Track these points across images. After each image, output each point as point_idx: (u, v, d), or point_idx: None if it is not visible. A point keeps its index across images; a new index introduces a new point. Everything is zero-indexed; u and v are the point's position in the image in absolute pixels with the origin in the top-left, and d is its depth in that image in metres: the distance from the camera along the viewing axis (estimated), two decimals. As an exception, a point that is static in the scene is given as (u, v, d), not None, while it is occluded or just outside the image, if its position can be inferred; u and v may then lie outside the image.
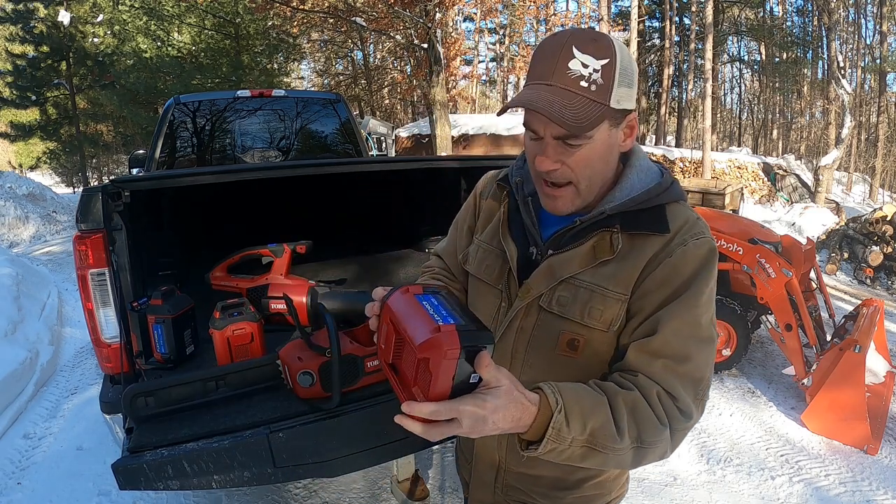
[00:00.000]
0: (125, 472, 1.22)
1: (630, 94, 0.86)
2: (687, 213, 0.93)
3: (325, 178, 2.92)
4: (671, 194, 0.93)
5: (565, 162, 0.87)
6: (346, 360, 1.39)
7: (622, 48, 0.85)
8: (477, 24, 21.77)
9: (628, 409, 0.82)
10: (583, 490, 1.03)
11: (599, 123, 0.84)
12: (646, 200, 0.91)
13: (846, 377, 2.97)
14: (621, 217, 0.91)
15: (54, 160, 18.32)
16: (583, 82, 0.82)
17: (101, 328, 1.67)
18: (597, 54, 0.82)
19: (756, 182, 13.84)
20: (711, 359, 0.90)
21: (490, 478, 1.08)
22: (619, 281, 0.90)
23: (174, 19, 14.56)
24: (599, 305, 0.90)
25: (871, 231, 6.96)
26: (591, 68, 0.82)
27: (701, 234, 0.90)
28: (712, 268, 0.90)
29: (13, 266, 5.18)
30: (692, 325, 0.87)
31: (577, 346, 0.92)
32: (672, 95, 23.67)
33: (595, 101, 0.83)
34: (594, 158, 0.88)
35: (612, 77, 0.83)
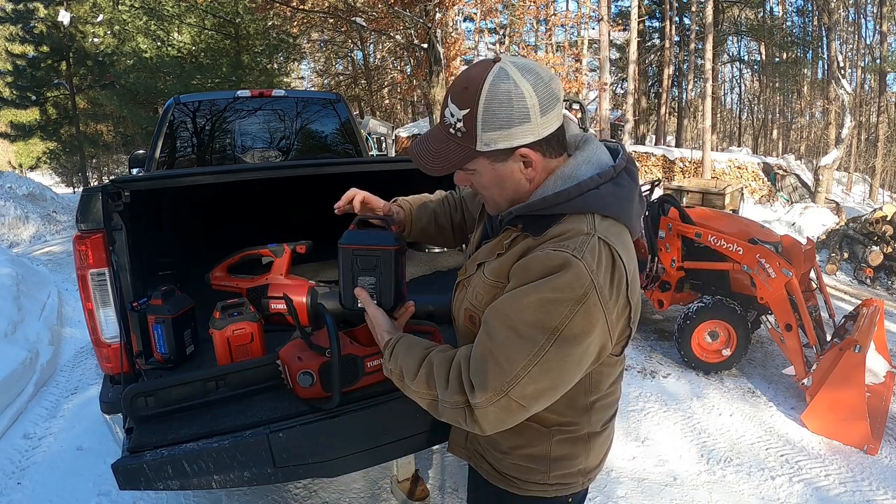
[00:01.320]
0: (125, 473, 1.22)
1: (508, 133, 0.92)
2: (578, 227, 0.94)
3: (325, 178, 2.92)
4: (574, 205, 0.95)
5: (471, 181, 1.04)
6: (346, 360, 1.39)
7: (495, 94, 0.90)
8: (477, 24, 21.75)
9: (431, 364, 1.03)
10: (514, 458, 1.14)
11: (470, 161, 0.97)
12: (543, 208, 0.97)
13: (846, 377, 2.97)
14: (524, 219, 1.00)
15: (54, 160, 18.30)
16: (451, 129, 0.97)
17: (101, 328, 1.67)
18: (461, 105, 0.93)
19: (756, 182, 13.84)
20: (523, 356, 0.91)
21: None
22: (496, 271, 1.02)
23: (174, 19, 14.55)
24: (481, 290, 1.05)
25: (871, 231, 6.95)
26: (455, 118, 0.95)
27: (564, 247, 0.91)
28: (555, 279, 0.89)
29: (13, 266, 5.18)
30: (506, 312, 0.93)
31: (475, 321, 1.05)
32: (672, 95, 23.66)
33: (461, 144, 0.96)
34: (487, 185, 1.02)
35: (474, 125, 0.93)
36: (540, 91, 0.91)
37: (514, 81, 0.90)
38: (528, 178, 0.99)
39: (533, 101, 0.91)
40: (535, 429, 1.10)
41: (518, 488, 1.15)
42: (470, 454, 1.24)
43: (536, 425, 1.10)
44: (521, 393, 0.92)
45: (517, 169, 0.98)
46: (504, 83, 0.90)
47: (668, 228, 4.10)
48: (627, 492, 2.61)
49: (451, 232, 1.45)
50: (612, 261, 0.93)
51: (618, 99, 22.61)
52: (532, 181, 1.00)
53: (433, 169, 1.00)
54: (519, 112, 0.91)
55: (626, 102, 16.67)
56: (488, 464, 1.19)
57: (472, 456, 1.24)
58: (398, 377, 1.09)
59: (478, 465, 1.22)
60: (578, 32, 22.73)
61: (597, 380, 1.09)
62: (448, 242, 1.49)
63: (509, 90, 0.90)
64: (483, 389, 0.93)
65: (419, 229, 1.43)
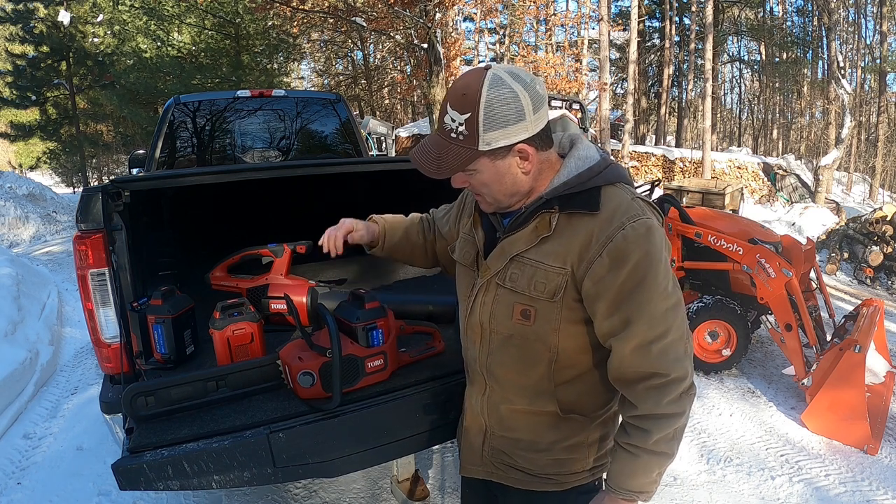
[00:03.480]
0: (125, 473, 1.22)
1: (506, 132, 1.00)
2: (622, 196, 1.05)
3: (325, 178, 2.92)
4: (605, 177, 1.06)
5: (470, 182, 1.09)
6: (347, 361, 1.39)
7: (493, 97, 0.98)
8: (477, 24, 21.75)
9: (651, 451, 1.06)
10: (555, 453, 1.15)
11: (472, 162, 1.04)
12: (579, 183, 1.05)
13: (846, 377, 2.97)
14: (558, 200, 1.06)
15: (54, 160, 18.27)
16: (452, 134, 1.03)
17: (101, 328, 1.67)
18: (461, 110, 1.01)
19: (756, 182, 13.84)
20: (683, 316, 1.06)
21: (478, 443, 1.23)
22: (556, 256, 1.05)
23: (174, 19, 14.55)
24: (542, 279, 1.06)
25: (871, 231, 6.95)
26: (457, 122, 1.02)
27: (637, 216, 1.02)
28: (656, 242, 1.02)
29: (13, 266, 5.17)
30: (660, 302, 1.02)
31: (529, 316, 1.08)
32: (672, 95, 23.66)
33: (464, 147, 1.02)
34: (487, 182, 1.07)
35: (476, 127, 1.00)
36: (529, 92, 1.00)
37: (508, 85, 0.99)
38: (524, 171, 1.07)
39: (526, 100, 1.00)
40: (576, 420, 1.14)
41: (558, 483, 1.17)
42: (491, 470, 1.22)
43: (578, 416, 1.14)
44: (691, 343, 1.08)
45: (514, 163, 1.05)
46: (500, 87, 0.99)
47: (668, 228, 4.10)
48: (627, 492, 2.61)
49: (422, 251, 1.49)
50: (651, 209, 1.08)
51: (618, 99, 22.61)
52: (528, 173, 1.07)
53: (438, 173, 1.06)
54: (516, 112, 1.00)
55: (626, 102, 16.66)
56: (520, 471, 1.18)
57: (496, 470, 1.22)
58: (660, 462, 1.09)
59: (505, 477, 1.21)
60: (578, 32, 22.73)
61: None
62: (418, 261, 1.52)
63: (505, 93, 0.99)
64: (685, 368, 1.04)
65: (391, 245, 1.48)
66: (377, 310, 1.46)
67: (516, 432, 1.17)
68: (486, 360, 1.16)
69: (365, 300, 1.46)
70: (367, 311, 1.45)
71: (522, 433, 1.16)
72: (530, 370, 1.12)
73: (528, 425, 1.16)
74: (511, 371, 1.14)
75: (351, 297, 1.53)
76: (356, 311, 1.45)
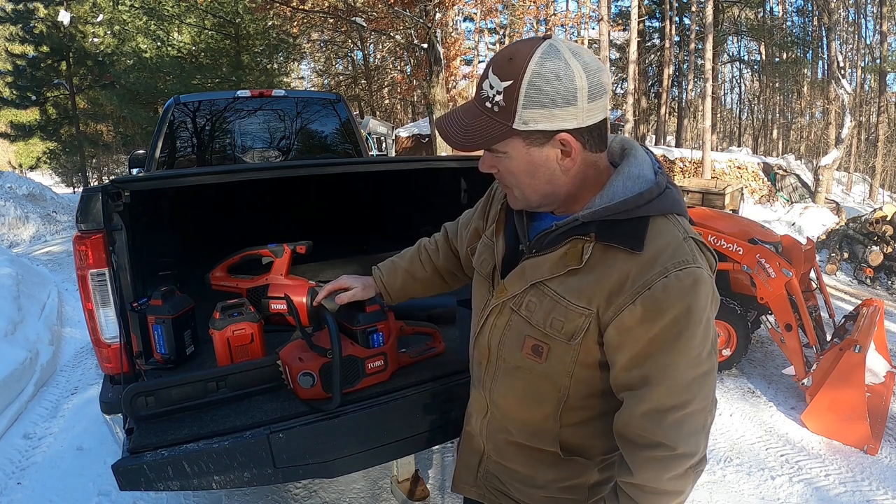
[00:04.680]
0: (125, 473, 1.22)
1: (550, 115, 0.84)
2: (673, 233, 0.88)
3: (325, 178, 2.92)
4: (657, 206, 0.89)
5: (498, 168, 0.93)
6: (347, 362, 1.39)
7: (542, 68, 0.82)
8: (477, 24, 21.76)
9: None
10: (552, 490, 1.05)
11: (503, 141, 0.88)
12: (624, 211, 0.88)
13: (846, 377, 2.97)
14: (597, 225, 0.89)
15: (54, 160, 18.28)
16: (487, 103, 0.87)
17: (101, 328, 1.66)
18: (503, 76, 0.84)
19: (756, 182, 13.84)
20: (712, 386, 0.89)
21: (474, 463, 1.15)
22: (582, 294, 0.90)
23: (174, 19, 14.55)
24: (561, 317, 0.91)
25: (871, 231, 6.95)
26: (495, 90, 0.85)
27: (685, 263, 0.85)
28: (701, 298, 0.85)
29: (13, 266, 5.17)
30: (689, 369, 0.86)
31: (541, 353, 0.95)
32: (672, 95, 23.66)
33: (496, 120, 0.86)
34: (516, 172, 0.91)
35: (516, 99, 0.84)
36: (590, 75, 0.84)
37: (565, 60, 0.82)
38: (563, 170, 0.90)
39: (582, 82, 0.83)
40: (578, 462, 1.03)
41: None
42: (484, 492, 1.15)
43: (581, 458, 1.03)
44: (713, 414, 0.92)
45: (553, 157, 0.88)
46: (554, 60, 0.82)
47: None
48: (627, 492, 2.61)
49: (437, 279, 1.39)
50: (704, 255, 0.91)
51: (618, 99, 22.59)
52: (567, 173, 0.90)
53: (463, 143, 0.89)
54: (566, 92, 0.83)
55: (626, 102, 16.67)
56: (514, 501, 1.10)
57: (488, 494, 1.14)
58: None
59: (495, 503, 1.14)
60: (578, 32, 22.74)
61: None
62: (438, 289, 1.42)
63: (558, 68, 0.82)
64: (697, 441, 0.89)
65: (396, 291, 1.41)
66: (377, 313, 1.46)
67: (513, 463, 1.08)
68: (490, 385, 1.06)
69: (365, 303, 1.46)
70: (368, 315, 1.44)
71: (519, 466, 1.07)
72: (536, 407, 1.00)
73: (526, 460, 1.06)
74: (515, 404, 1.03)
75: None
76: (356, 314, 1.44)
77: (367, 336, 1.44)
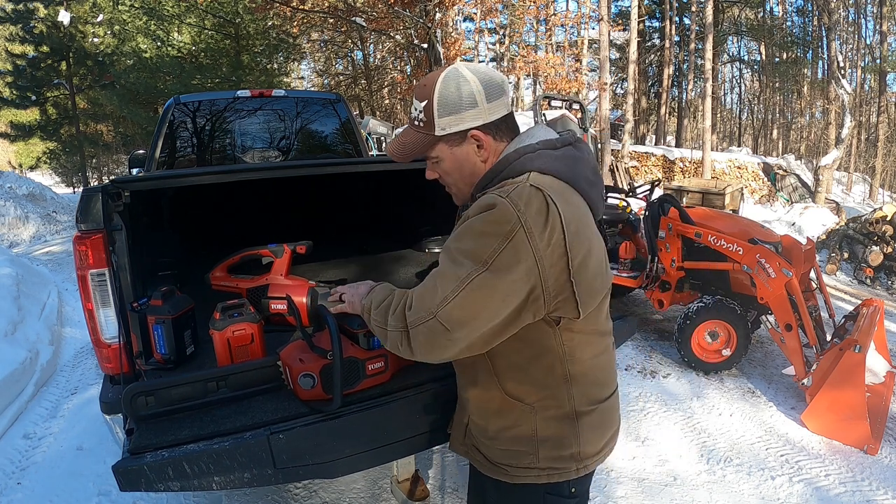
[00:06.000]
0: (126, 474, 1.22)
1: (458, 119, 1.08)
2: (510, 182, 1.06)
3: (325, 178, 2.92)
4: (513, 168, 1.08)
5: (437, 172, 1.18)
6: (348, 363, 1.39)
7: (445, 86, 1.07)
8: (477, 24, 21.76)
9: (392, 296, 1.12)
10: (503, 442, 1.16)
11: (432, 148, 1.13)
12: (490, 180, 1.11)
13: (846, 377, 2.97)
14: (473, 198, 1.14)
15: (54, 160, 18.28)
16: (415, 122, 1.13)
17: (101, 328, 1.66)
18: (421, 98, 1.11)
19: (756, 182, 13.84)
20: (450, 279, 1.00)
21: (464, 421, 1.27)
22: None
23: (174, 19, 14.55)
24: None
25: (871, 231, 6.95)
26: (417, 110, 1.12)
27: (492, 191, 1.04)
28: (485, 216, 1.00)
29: (13, 266, 5.17)
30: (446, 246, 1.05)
31: None
32: (672, 95, 23.65)
33: (424, 133, 1.12)
34: (449, 170, 1.16)
35: (431, 113, 1.09)
36: (484, 81, 1.08)
37: (462, 75, 1.08)
38: (482, 160, 1.13)
39: (478, 87, 1.07)
40: (518, 407, 1.13)
41: (510, 476, 1.16)
42: (467, 449, 1.26)
43: (518, 403, 1.13)
44: (447, 316, 0.99)
45: (472, 151, 1.12)
46: (453, 76, 1.08)
47: (668, 228, 4.10)
48: (627, 492, 2.61)
49: None
50: (546, 205, 1.00)
51: (618, 99, 22.60)
52: (486, 162, 1.13)
53: (400, 156, 1.16)
54: (467, 98, 1.07)
55: (626, 102, 16.66)
56: (481, 454, 1.21)
57: (469, 450, 1.26)
58: (367, 310, 1.17)
59: (473, 458, 1.25)
60: (578, 32, 22.76)
61: (569, 347, 1.09)
62: None
63: (458, 80, 1.08)
64: (416, 309, 1.03)
65: None
66: None
67: (475, 416, 1.22)
68: None
69: None
70: None
71: (477, 417, 1.21)
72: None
73: (480, 411, 1.20)
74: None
75: None
76: (357, 316, 1.44)
77: (367, 337, 1.45)
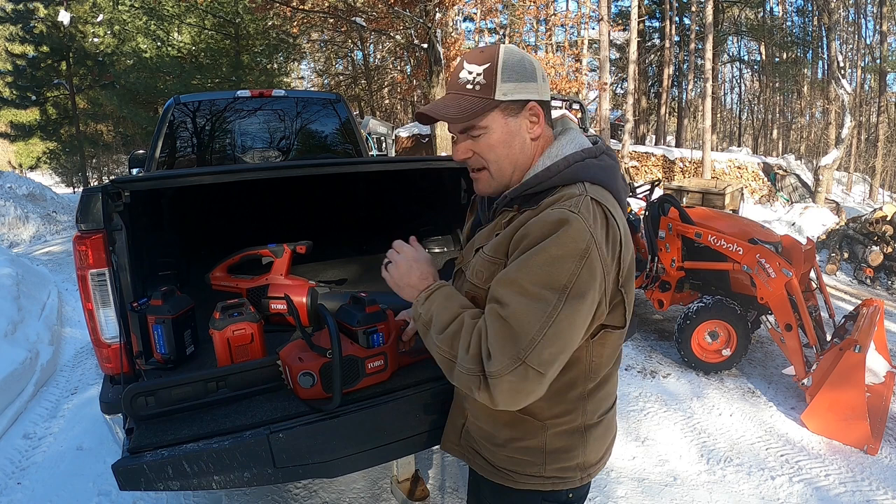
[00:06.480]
0: (125, 473, 1.22)
1: (522, 87, 1.04)
2: (567, 192, 1.01)
3: (325, 178, 2.92)
4: (564, 176, 1.04)
5: (474, 150, 1.08)
6: (347, 362, 1.39)
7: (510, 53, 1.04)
8: (477, 24, 21.74)
9: (462, 323, 1.02)
10: (510, 450, 1.14)
11: (487, 113, 1.04)
12: (536, 185, 1.05)
13: (846, 377, 2.97)
14: (520, 199, 1.07)
15: (54, 160, 18.28)
16: (468, 85, 1.05)
17: (101, 328, 1.67)
18: (480, 62, 1.04)
19: (756, 182, 13.83)
20: (536, 318, 0.92)
21: (459, 423, 1.25)
22: (497, 247, 1.05)
23: (174, 19, 14.56)
24: (481, 267, 1.07)
25: (871, 231, 6.95)
26: (474, 73, 1.04)
27: (561, 206, 0.97)
28: (558, 235, 0.94)
29: (13, 266, 5.17)
30: (514, 278, 0.96)
31: (476, 301, 1.08)
32: (672, 95, 23.66)
33: (479, 97, 1.03)
34: (495, 144, 1.06)
35: (494, 76, 1.03)
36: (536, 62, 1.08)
37: (521, 50, 1.07)
38: (532, 137, 1.08)
39: (536, 65, 1.06)
40: (530, 422, 1.11)
41: (514, 482, 1.15)
42: (464, 451, 1.24)
43: (531, 419, 1.10)
44: (538, 359, 0.92)
45: (525, 126, 1.07)
46: (515, 49, 1.07)
47: (668, 228, 4.10)
48: (627, 492, 2.61)
49: None
50: (606, 219, 0.99)
51: (618, 99, 22.61)
52: (535, 142, 1.08)
53: (454, 115, 1.04)
54: (529, 70, 1.05)
55: (626, 102, 16.66)
56: (483, 459, 1.19)
57: (466, 453, 1.23)
58: (424, 324, 1.08)
59: (473, 462, 1.22)
60: (578, 32, 22.73)
61: (596, 363, 1.09)
62: None
63: (521, 53, 1.06)
64: (499, 358, 0.93)
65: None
66: (378, 313, 1.46)
67: (480, 422, 1.18)
68: None
69: (365, 303, 1.46)
70: (368, 315, 1.45)
71: (484, 423, 1.17)
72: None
73: (488, 418, 1.15)
74: None
75: (351, 300, 1.53)
76: (356, 314, 1.45)
77: (367, 336, 1.45)
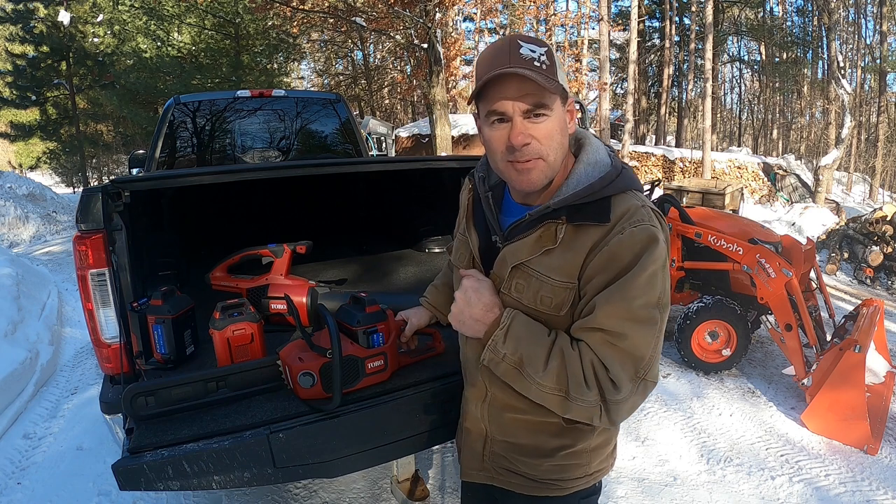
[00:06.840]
0: (125, 473, 1.22)
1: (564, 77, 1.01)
2: (630, 202, 0.99)
3: (325, 178, 2.92)
4: (617, 186, 1.00)
5: (533, 136, 0.98)
6: (347, 361, 1.39)
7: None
8: (477, 24, 21.75)
9: (562, 356, 0.97)
10: (558, 458, 1.12)
11: (556, 94, 0.98)
12: (591, 194, 0.99)
13: (846, 377, 2.97)
14: (567, 210, 1.00)
15: (54, 160, 18.30)
16: (535, 62, 0.96)
17: (101, 328, 1.66)
18: (538, 44, 0.98)
19: (756, 182, 13.84)
20: (651, 339, 0.96)
21: (479, 448, 1.20)
22: (563, 270, 1.00)
23: (174, 19, 14.56)
24: (549, 294, 1.01)
25: (871, 231, 6.95)
26: (537, 52, 0.96)
27: (640, 222, 0.96)
28: (651, 252, 0.95)
29: (13, 266, 5.17)
30: (625, 307, 0.94)
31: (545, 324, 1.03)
32: (672, 95, 23.66)
33: (549, 76, 0.96)
34: (555, 130, 0.99)
35: (553, 60, 0.98)
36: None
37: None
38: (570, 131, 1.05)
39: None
40: (580, 427, 1.10)
41: (561, 489, 1.14)
42: (492, 475, 1.19)
43: (581, 423, 1.08)
44: (653, 373, 0.98)
45: (566, 118, 1.03)
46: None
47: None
48: (627, 492, 2.61)
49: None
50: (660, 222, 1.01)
51: (618, 99, 22.61)
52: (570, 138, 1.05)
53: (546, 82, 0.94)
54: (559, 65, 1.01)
55: (626, 102, 16.66)
56: (520, 476, 1.15)
57: (496, 474, 1.19)
58: (514, 365, 1.00)
59: (506, 482, 1.18)
60: (578, 32, 22.73)
61: None
62: None
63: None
64: (625, 385, 0.95)
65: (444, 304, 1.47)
66: (378, 313, 1.46)
67: (519, 438, 1.14)
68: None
69: (365, 303, 1.46)
70: (368, 315, 1.45)
71: (525, 439, 1.13)
72: None
73: (532, 433, 1.12)
74: None
75: (351, 300, 1.53)
76: (356, 314, 1.44)
77: (367, 336, 1.45)
